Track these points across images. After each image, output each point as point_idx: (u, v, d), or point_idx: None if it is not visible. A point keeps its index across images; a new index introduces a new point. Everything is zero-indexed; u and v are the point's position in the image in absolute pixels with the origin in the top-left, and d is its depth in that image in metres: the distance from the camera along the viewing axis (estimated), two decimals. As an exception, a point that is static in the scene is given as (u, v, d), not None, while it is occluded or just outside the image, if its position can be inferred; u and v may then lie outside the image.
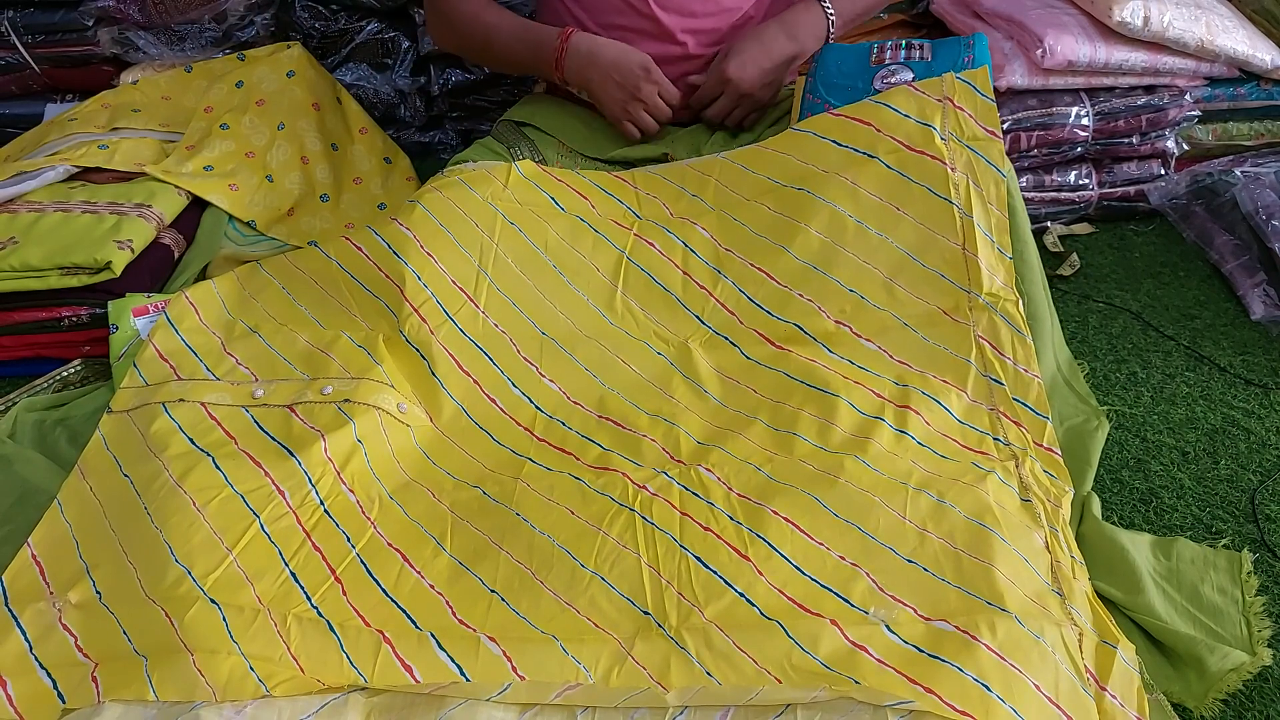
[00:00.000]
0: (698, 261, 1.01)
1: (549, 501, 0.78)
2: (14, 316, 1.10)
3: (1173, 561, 0.79)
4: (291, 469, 0.79)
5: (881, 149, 0.99)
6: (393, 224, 1.00)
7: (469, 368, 0.92)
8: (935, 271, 0.95)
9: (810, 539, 0.72)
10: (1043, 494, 0.78)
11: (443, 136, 1.67)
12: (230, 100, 1.41)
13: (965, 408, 0.87)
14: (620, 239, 1.03)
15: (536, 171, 1.08)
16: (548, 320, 0.97)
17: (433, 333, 0.93)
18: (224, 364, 0.92)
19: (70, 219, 1.14)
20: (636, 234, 1.04)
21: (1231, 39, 1.34)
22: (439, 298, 0.95)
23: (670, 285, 1.00)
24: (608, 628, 0.68)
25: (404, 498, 0.80)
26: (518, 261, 1.00)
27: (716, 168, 1.08)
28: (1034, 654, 0.63)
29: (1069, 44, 1.30)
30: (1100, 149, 1.39)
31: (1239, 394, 1.05)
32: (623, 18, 1.16)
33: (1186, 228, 1.34)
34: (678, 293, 1.00)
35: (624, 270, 1.01)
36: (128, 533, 0.75)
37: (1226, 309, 1.20)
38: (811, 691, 0.60)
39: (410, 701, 0.62)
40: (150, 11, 1.51)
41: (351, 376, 0.88)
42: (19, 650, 0.68)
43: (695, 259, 1.01)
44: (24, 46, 1.50)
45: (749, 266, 0.99)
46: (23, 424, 0.91)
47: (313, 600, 0.71)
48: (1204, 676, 0.70)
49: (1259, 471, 0.94)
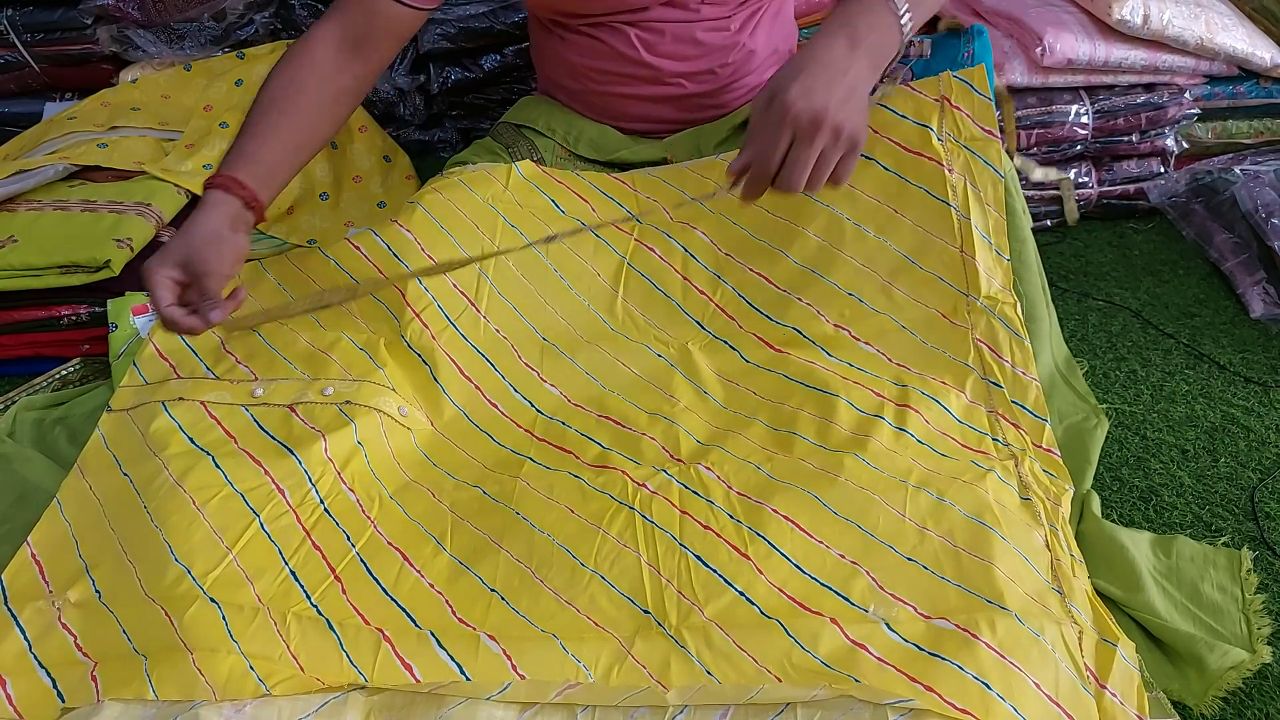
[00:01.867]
0: (697, 266, 1.01)
1: (549, 500, 0.78)
2: (13, 315, 1.10)
3: (1172, 559, 0.79)
4: (292, 467, 0.79)
5: (878, 151, 0.99)
6: (393, 226, 1.00)
7: (471, 373, 0.92)
8: (933, 274, 0.94)
9: (810, 537, 0.72)
10: (1042, 493, 0.78)
11: (442, 135, 1.67)
12: (230, 99, 1.41)
13: (964, 407, 0.87)
14: (621, 244, 1.03)
15: (536, 173, 1.08)
16: (549, 325, 0.97)
17: (434, 338, 0.93)
18: (224, 363, 0.92)
19: (69, 217, 1.14)
20: (637, 239, 1.04)
21: (1231, 37, 1.34)
22: (440, 302, 0.95)
23: (670, 291, 1.00)
24: (608, 626, 0.68)
25: (404, 498, 0.80)
26: (519, 265, 1.00)
27: (716, 170, 1.08)
28: (1034, 652, 0.63)
29: (1069, 42, 1.30)
30: (1100, 147, 1.39)
31: (1239, 392, 1.05)
32: (612, 62, 1.14)
33: (1186, 226, 1.34)
34: (678, 298, 1.00)
35: (624, 276, 1.01)
36: (127, 531, 0.75)
37: (1226, 307, 1.20)
38: (811, 690, 0.60)
39: (410, 700, 0.62)
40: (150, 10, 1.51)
41: (353, 378, 0.88)
42: (18, 649, 0.68)
43: (695, 264, 1.01)
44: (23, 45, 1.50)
45: (748, 271, 0.99)
46: (22, 423, 0.91)
47: (312, 599, 0.71)
48: (1204, 674, 0.70)
49: (1258, 469, 0.94)
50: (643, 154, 1.16)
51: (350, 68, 0.98)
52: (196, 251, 0.86)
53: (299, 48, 0.98)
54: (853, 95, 0.73)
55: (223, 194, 0.89)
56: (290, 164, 0.96)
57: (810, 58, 0.74)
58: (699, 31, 1.12)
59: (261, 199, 0.91)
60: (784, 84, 0.72)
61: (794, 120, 0.71)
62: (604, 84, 1.17)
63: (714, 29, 1.12)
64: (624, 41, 1.12)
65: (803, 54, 0.75)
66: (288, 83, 0.96)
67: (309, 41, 0.98)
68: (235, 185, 0.89)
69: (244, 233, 0.91)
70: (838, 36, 0.74)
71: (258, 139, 0.93)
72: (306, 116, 0.96)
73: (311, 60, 0.97)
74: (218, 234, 0.87)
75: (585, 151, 1.18)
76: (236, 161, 0.91)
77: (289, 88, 0.95)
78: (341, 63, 0.98)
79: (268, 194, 0.93)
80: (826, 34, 0.75)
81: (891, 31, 0.77)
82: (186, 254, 0.86)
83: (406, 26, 1.02)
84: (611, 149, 1.17)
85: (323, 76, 0.97)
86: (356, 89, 1.01)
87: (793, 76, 0.72)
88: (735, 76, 1.17)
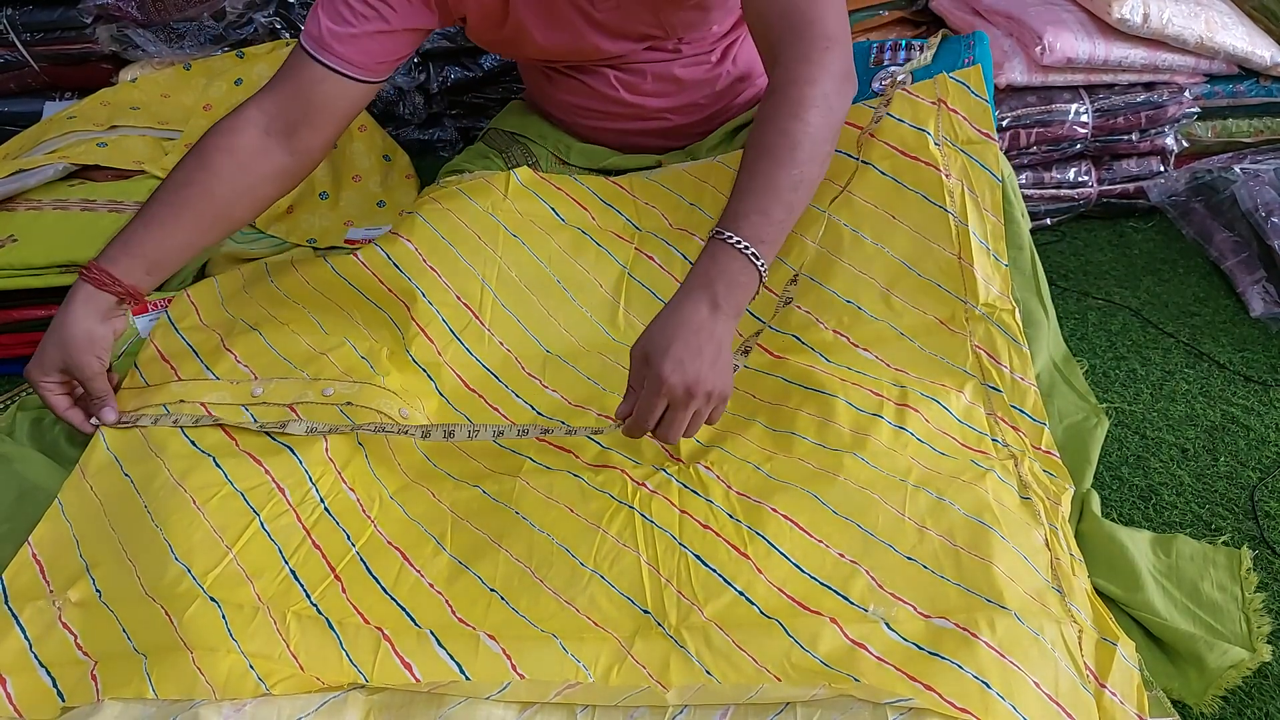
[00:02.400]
0: None
1: (549, 500, 0.78)
2: (12, 314, 1.10)
3: (1172, 558, 0.79)
4: (292, 466, 0.79)
5: (875, 155, 0.99)
6: (394, 238, 1.00)
7: (475, 386, 0.93)
8: (931, 281, 0.94)
9: (809, 536, 0.72)
10: (1042, 492, 0.78)
11: (442, 134, 1.67)
12: (229, 98, 1.41)
13: (964, 408, 0.87)
14: (621, 253, 1.03)
15: (535, 179, 1.08)
16: (552, 338, 0.97)
17: (440, 354, 0.93)
18: (224, 361, 0.92)
19: (68, 217, 1.14)
20: (637, 247, 1.04)
21: (1231, 36, 1.34)
22: (445, 316, 0.95)
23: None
24: (607, 626, 0.68)
25: (404, 498, 0.80)
26: (521, 276, 1.00)
27: (713, 173, 1.08)
28: (1033, 651, 0.63)
29: (1068, 41, 1.30)
30: (1100, 146, 1.39)
31: (1238, 391, 1.05)
32: (595, 101, 1.14)
33: (1186, 225, 1.34)
34: None
35: (626, 286, 1.01)
36: (128, 531, 0.75)
37: (1226, 306, 1.20)
38: (811, 689, 0.60)
39: (409, 700, 0.62)
40: (149, 9, 1.51)
41: (353, 380, 0.88)
42: (19, 648, 0.68)
43: None
44: (23, 44, 1.50)
45: None
46: (21, 422, 0.91)
47: (312, 598, 0.71)
48: (1203, 673, 0.70)
49: (1258, 468, 0.94)
50: (634, 161, 1.16)
51: (279, 153, 0.94)
52: (71, 358, 0.85)
53: (223, 126, 0.93)
54: (719, 354, 0.76)
55: (94, 289, 0.87)
56: (186, 251, 0.92)
57: (678, 321, 0.75)
58: (678, 69, 1.11)
59: (139, 289, 0.89)
60: (658, 354, 0.74)
61: (669, 391, 0.74)
62: (589, 119, 1.17)
63: (694, 64, 1.12)
64: (605, 83, 1.11)
65: (670, 316, 0.76)
66: (198, 167, 0.91)
67: (234, 121, 0.92)
68: (108, 280, 0.87)
69: (118, 318, 0.89)
70: (700, 301, 0.76)
71: (149, 227, 0.89)
72: (214, 205, 0.91)
73: (231, 145, 0.91)
74: (89, 335, 0.86)
75: (577, 160, 1.18)
76: (118, 252, 0.88)
77: (198, 173, 0.91)
78: (269, 147, 0.93)
79: (150, 282, 0.91)
80: (691, 297, 0.77)
81: (748, 275, 0.79)
82: (63, 360, 0.86)
83: (349, 102, 0.96)
84: (602, 158, 1.17)
85: (241, 163, 0.92)
86: (291, 170, 0.96)
87: (665, 347, 0.74)
88: (720, 102, 1.16)
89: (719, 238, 0.79)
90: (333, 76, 0.93)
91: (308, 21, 0.94)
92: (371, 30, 0.93)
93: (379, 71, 0.96)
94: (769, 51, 0.89)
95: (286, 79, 0.94)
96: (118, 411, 0.86)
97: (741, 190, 0.81)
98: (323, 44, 0.93)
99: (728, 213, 0.81)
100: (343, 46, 0.93)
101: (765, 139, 0.82)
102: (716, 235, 0.79)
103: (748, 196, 0.80)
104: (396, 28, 0.95)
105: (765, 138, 0.82)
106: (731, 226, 0.79)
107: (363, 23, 0.93)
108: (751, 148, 0.83)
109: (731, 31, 1.13)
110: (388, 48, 0.95)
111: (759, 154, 0.82)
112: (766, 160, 0.81)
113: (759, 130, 0.83)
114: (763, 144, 0.82)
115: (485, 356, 0.95)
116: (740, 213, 0.80)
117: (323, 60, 0.93)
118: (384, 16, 0.94)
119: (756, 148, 0.82)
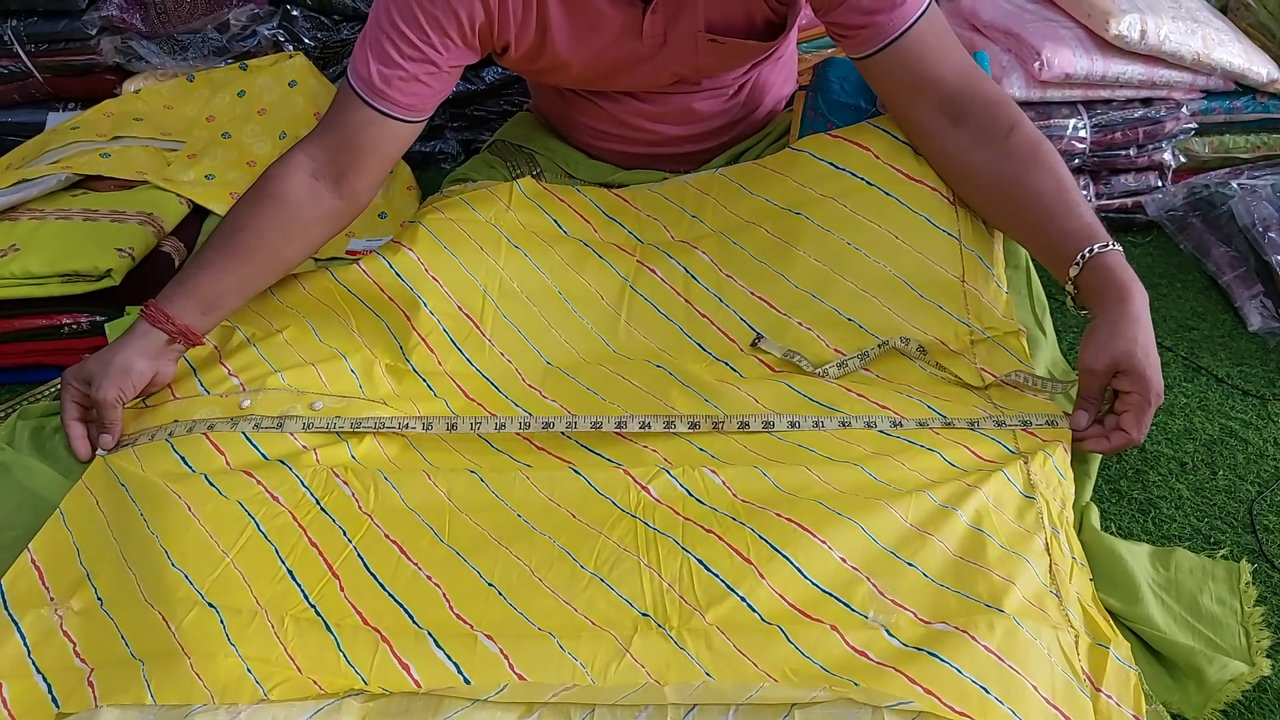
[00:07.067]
0: (699, 288, 1.01)
1: (551, 504, 0.78)
2: (14, 324, 1.10)
3: (1171, 572, 0.79)
4: (284, 476, 0.79)
5: (879, 177, 0.99)
6: (397, 247, 1.00)
7: (475, 396, 0.93)
8: (933, 303, 0.94)
9: (814, 538, 0.71)
10: (1049, 493, 0.78)
11: (443, 146, 1.67)
12: (232, 109, 1.42)
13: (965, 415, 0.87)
14: (623, 265, 1.04)
15: (538, 190, 1.08)
16: (553, 350, 0.97)
17: (440, 364, 0.93)
18: (214, 374, 0.92)
19: (71, 226, 1.15)
20: (639, 260, 1.04)
21: (1228, 52, 1.35)
22: (446, 326, 0.95)
23: (673, 315, 1.00)
24: (606, 626, 0.68)
25: (399, 481, 0.80)
26: (523, 287, 1.00)
27: (715, 185, 1.08)
28: (1031, 655, 0.63)
29: (1066, 57, 1.31)
30: (1098, 161, 1.39)
31: (1237, 405, 1.05)
32: (610, 125, 1.14)
33: (1184, 239, 1.35)
34: (680, 322, 1.00)
35: (627, 299, 1.01)
36: (127, 539, 0.75)
37: (1224, 320, 1.20)
38: (811, 692, 0.60)
39: (406, 705, 0.62)
40: (153, 21, 1.52)
41: (342, 395, 0.89)
42: (16, 653, 0.68)
43: (697, 285, 1.01)
44: (27, 55, 1.50)
45: (749, 295, 0.99)
46: (21, 431, 0.91)
47: (310, 598, 0.71)
48: (1203, 687, 0.70)
49: (1257, 482, 0.94)
50: (640, 177, 1.17)
51: (328, 197, 0.95)
52: (100, 375, 0.86)
53: (272, 172, 0.94)
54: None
55: (148, 325, 0.88)
56: (240, 292, 0.94)
57: (1141, 326, 0.82)
58: (696, 102, 1.12)
59: (194, 329, 0.90)
60: (1142, 362, 0.80)
61: (1158, 395, 0.81)
62: (602, 140, 1.17)
63: (713, 98, 1.13)
64: (624, 110, 1.12)
65: (1127, 326, 0.81)
66: (249, 213, 0.93)
67: (283, 166, 0.94)
68: (161, 318, 0.88)
69: (168, 360, 0.90)
70: (1142, 305, 0.83)
71: (203, 269, 0.91)
72: (265, 249, 0.93)
73: (281, 191, 0.93)
74: (126, 366, 0.87)
75: (583, 175, 1.19)
76: (172, 291, 0.90)
77: (249, 219, 0.92)
78: (318, 192, 0.94)
79: (207, 322, 0.92)
80: (1134, 302, 0.83)
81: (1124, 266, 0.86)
82: (92, 375, 0.87)
83: (397, 143, 0.97)
84: (608, 174, 1.18)
85: (291, 209, 0.93)
86: (340, 212, 0.97)
87: (1143, 356, 0.80)
88: (732, 131, 1.18)
89: (1106, 249, 0.86)
90: (380, 119, 0.94)
91: (354, 61, 0.94)
92: (420, 72, 0.93)
93: (425, 112, 0.97)
94: (951, 109, 0.95)
95: (335, 123, 0.95)
96: (109, 446, 0.87)
97: (1067, 209, 0.89)
98: (372, 88, 0.93)
99: (1080, 232, 0.87)
100: (392, 90, 0.93)
101: (1053, 176, 0.91)
102: (1101, 249, 0.86)
103: (1079, 209, 0.89)
104: (444, 68, 0.95)
105: (1050, 177, 0.91)
106: (1099, 237, 0.87)
107: (411, 64, 0.93)
108: (1043, 182, 0.90)
109: (750, 70, 1.14)
110: (435, 89, 0.96)
111: (1062, 185, 0.90)
112: (1066, 183, 0.90)
113: (1038, 173, 0.90)
114: (1054, 175, 0.90)
115: (486, 367, 0.95)
116: (1092, 221, 0.88)
117: (373, 104, 0.93)
118: (431, 59, 0.93)
119: (1051, 180, 0.90)
